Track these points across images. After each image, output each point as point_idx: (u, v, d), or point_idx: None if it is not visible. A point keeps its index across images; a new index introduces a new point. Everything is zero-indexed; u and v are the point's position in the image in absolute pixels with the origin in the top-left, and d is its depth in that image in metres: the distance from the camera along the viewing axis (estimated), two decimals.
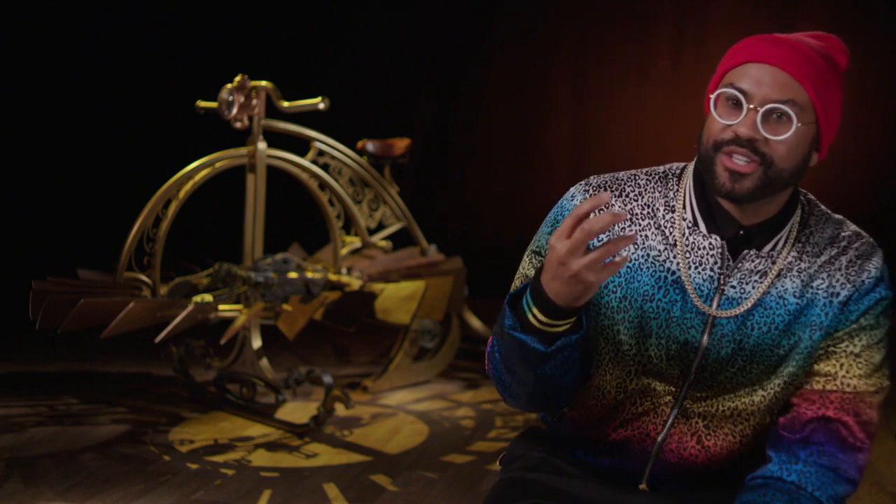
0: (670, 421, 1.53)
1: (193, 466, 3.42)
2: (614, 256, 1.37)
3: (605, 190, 1.54)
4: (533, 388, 1.47)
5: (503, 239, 7.18)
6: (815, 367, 1.51)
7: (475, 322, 5.15)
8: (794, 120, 1.40)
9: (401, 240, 4.75)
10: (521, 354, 1.42)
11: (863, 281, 1.49)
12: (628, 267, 1.50)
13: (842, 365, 1.50)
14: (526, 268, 1.61)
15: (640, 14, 7.08)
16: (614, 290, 1.51)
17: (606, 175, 1.57)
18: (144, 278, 3.75)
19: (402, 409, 4.26)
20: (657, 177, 1.55)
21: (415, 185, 7.10)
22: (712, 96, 1.45)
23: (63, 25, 7.07)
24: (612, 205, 1.51)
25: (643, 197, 1.53)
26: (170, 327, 3.60)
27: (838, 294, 1.48)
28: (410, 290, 4.34)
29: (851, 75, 6.19)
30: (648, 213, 1.52)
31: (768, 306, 1.49)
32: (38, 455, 3.50)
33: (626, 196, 1.53)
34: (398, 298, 4.31)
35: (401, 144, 4.70)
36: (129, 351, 5.15)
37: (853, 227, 1.57)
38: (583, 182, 1.58)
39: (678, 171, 1.56)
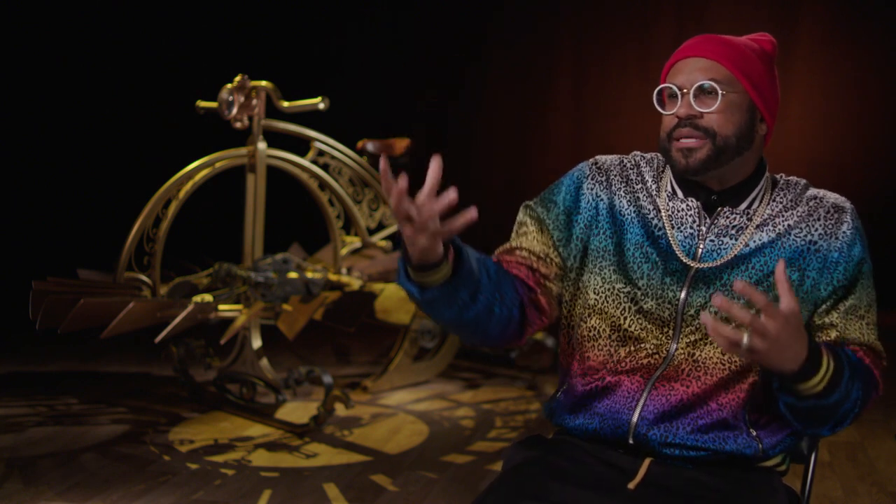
0: (665, 359, 1.65)
1: (193, 466, 3.42)
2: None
3: (605, 170, 1.78)
4: (446, 323, 1.65)
5: (503, 238, 7.17)
6: (845, 335, 1.65)
7: None
8: (719, 91, 1.63)
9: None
10: (412, 300, 1.63)
11: (843, 232, 1.65)
12: (622, 218, 1.72)
13: (863, 334, 1.65)
14: (519, 217, 1.87)
15: (640, 14, 7.08)
16: (611, 236, 1.72)
17: (610, 156, 1.81)
18: (144, 278, 3.75)
19: (402, 409, 4.26)
20: (650, 157, 1.81)
21: (415, 185, 7.09)
22: (655, 95, 1.70)
23: (63, 25, 7.07)
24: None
25: (637, 168, 1.78)
26: (170, 327, 3.60)
27: (815, 242, 1.65)
28: None
29: (852, 75, 6.14)
30: (640, 180, 1.76)
31: (747, 256, 1.66)
32: (38, 455, 3.50)
33: (623, 166, 1.78)
34: (398, 298, 4.31)
35: (401, 144, 4.70)
36: (129, 351, 5.15)
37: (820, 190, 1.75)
38: (590, 160, 1.81)
39: (663, 159, 1.80)
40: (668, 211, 1.71)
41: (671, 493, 1.57)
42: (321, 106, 4.07)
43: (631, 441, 1.65)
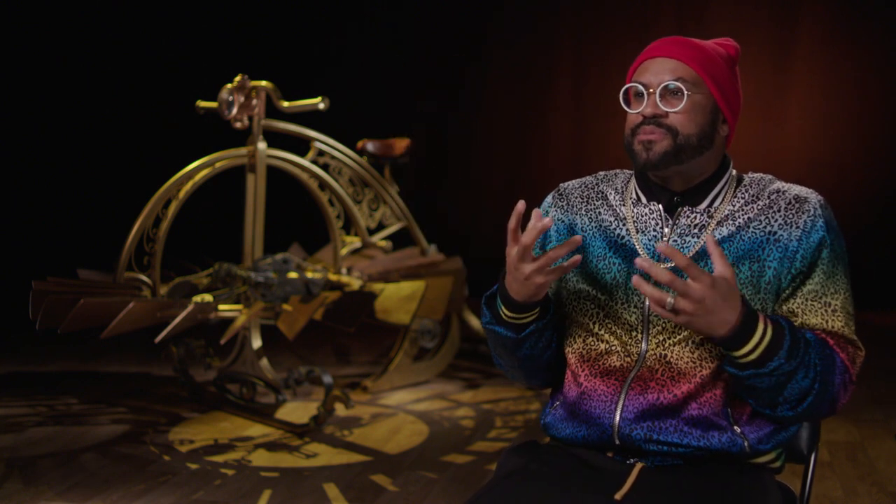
0: (637, 361, 1.68)
1: (193, 466, 3.42)
2: (564, 260, 1.69)
3: (567, 194, 1.84)
4: (519, 367, 1.78)
5: (503, 239, 7.16)
6: (805, 321, 1.64)
7: (475, 322, 5.15)
8: (685, 92, 1.66)
9: (401, 240, 4.75)
10: (500, 342, 1.75)
11: (804, 221, 1.65)
12: (583, 234, 1.78)
13: (825, 319, 1.63)
14: None
15: (640, 14, 7.08)
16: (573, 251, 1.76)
17: (573, 181, 1.87)
18: (144, 278, 3.75)
19: (402, 409, 4.26)
20: (612, 174, 1.87)
21: (415, 185, 7.10)
22: (621, 93, 1.73)
23: (63, 26, 7.07)
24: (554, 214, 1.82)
25: (598, 187, 1.83)
26: (170, 327, 3.60)
27: (775, 233, 1.65)
28: (410, 290, 4.34)
29: (852, 75, 6.12)
30: (601, 197, 1.81)
31: (706, 253, 1.66)
32: (38, 455, 3.51)
33: (585, 186, 1.84)
34: (398, 298, 4.31)
35: (401, 144, 4.70)
36: (129, 351, 5.16)
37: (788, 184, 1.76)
38: (554, 189, 1.87)
39: (628, 172, 1.87)
40: (633, 217, 1.75)
41: (659, 500, 1.57)
42: (321, 106, 4.07)
43: (617, 441, 1.67)
